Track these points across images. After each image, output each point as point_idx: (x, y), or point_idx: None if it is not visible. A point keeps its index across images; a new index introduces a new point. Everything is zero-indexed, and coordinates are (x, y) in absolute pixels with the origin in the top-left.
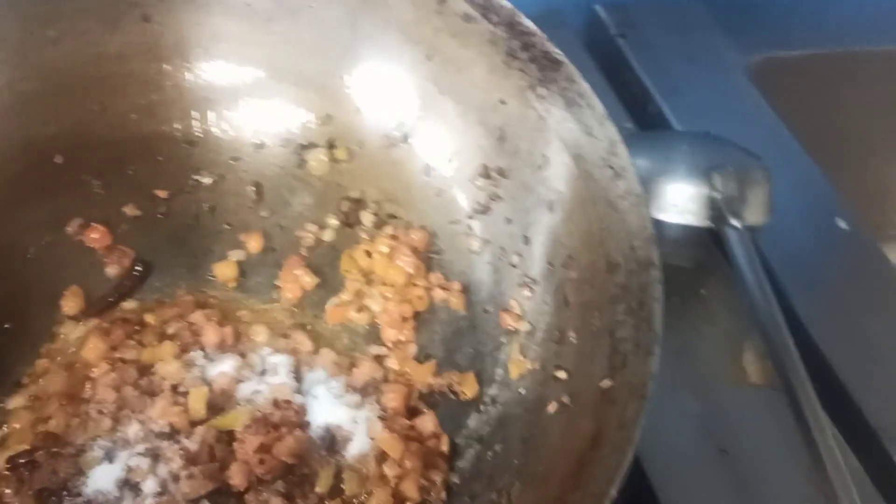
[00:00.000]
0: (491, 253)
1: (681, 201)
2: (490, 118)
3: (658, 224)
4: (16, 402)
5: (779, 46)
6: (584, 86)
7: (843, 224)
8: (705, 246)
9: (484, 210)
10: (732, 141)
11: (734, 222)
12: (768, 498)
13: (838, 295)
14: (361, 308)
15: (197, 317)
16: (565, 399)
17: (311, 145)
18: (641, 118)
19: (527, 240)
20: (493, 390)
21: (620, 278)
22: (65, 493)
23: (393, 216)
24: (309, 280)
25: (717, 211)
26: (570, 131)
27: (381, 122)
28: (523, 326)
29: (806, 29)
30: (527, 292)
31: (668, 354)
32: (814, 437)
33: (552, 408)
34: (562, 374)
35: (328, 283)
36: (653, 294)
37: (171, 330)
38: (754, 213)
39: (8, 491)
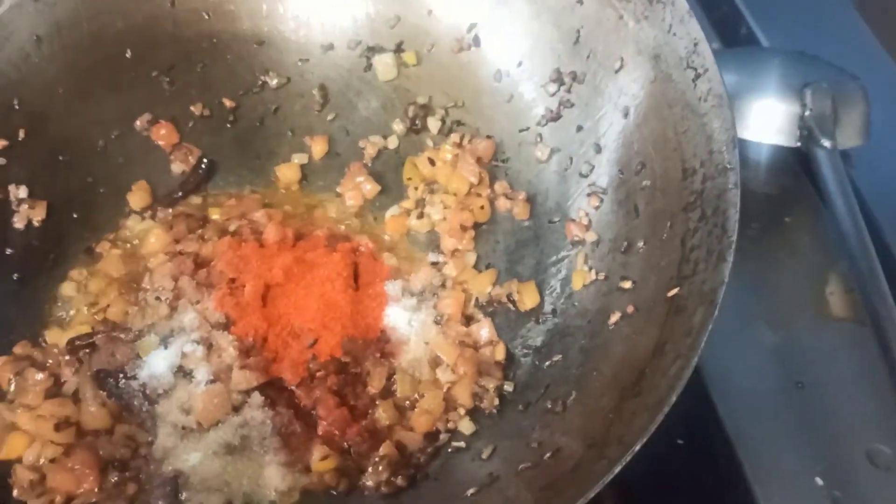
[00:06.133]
0: (559, 162)
1: (768, 119)
2: (565, 20)
3: (742, 145)
4: (74, 289)
5: None
6: None
7: None
8: (792, 171)
9: (555, 117)
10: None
11: (825, 142)
12: (844, 431)
13: None
14: (422, 215)
15: (260, 215)
16: (629, 309)
17: (378, 48)
18: (733, 41)
19: (598, 148)
20: (553, 301)
21: (696, 184)
22: (121, 375)
23: (460, 123)
24: (371, 188)
25: (807, 130)
26: (650, 30)
27: (452, 24)
28: (590, 237)
29: None
30: (595, 202)
31: (745, 284)
32: None
33: (615, 318)
34: (627, 284)
35: (390, 190)
36: (729, 199)
37: (232, 227)
38: (848, 134)
39: (67, 371)
